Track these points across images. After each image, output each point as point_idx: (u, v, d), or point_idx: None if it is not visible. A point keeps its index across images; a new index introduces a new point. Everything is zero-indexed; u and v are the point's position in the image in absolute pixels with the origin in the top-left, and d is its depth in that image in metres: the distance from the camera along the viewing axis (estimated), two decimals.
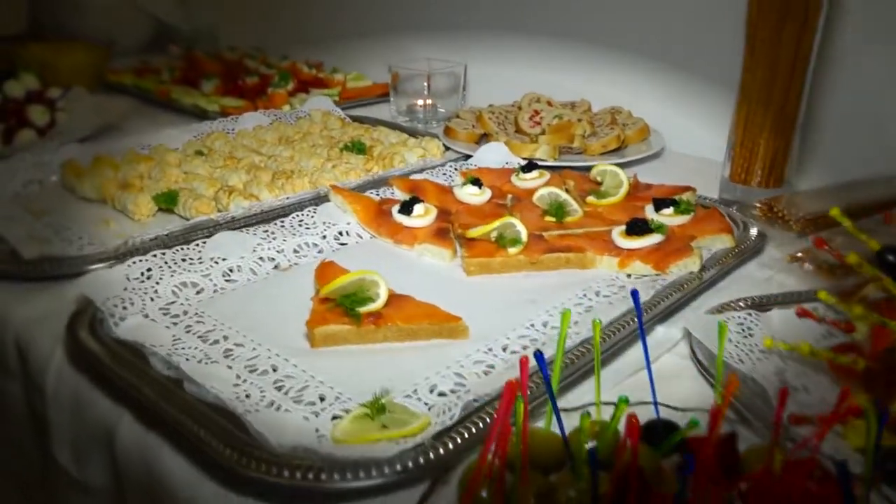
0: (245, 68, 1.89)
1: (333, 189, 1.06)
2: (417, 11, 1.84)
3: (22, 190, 1.19)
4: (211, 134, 1.38)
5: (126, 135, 1.50)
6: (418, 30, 1.82)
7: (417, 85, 1.60)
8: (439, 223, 1.00)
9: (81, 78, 1.77)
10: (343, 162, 1.23)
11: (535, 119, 1.45)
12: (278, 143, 1.38)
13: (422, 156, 1.29)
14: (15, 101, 1.43)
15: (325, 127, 1.47)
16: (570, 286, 0.88)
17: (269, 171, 1.20)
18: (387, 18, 1.95)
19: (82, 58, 1.75)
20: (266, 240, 0.95)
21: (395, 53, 1.87)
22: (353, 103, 1.73)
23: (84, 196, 1.16)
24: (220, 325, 0.79)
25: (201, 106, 1.65)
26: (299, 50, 2.17)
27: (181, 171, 1.21)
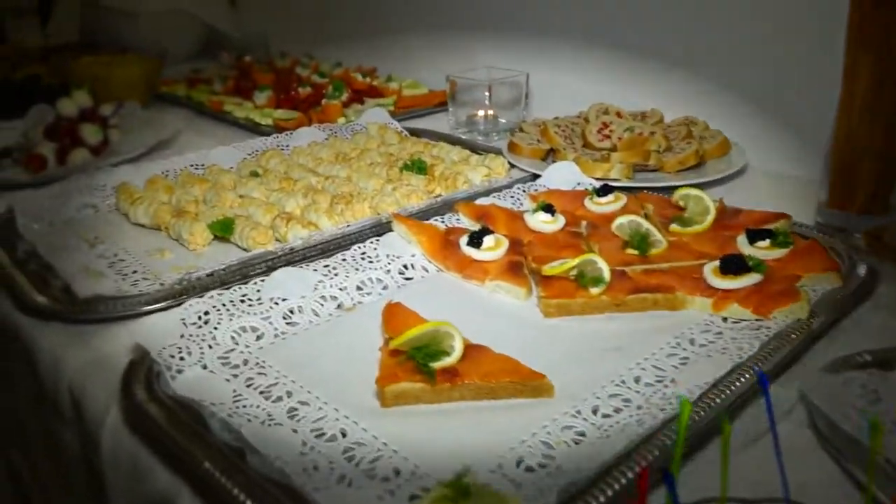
0: (297, 77, 1.84)
1: (396, 218, 1.00)
2: (476, 16, 1.77)
3: (76, 214, 1.16)
4: (265, 152, 1.33)
5: (179, 152, 1.47)
6: (477, 36, 1.75)
7: (477, 95, 1.53)
8: (511, 256, 0.93)
9: (134, 90, 1.74)
10: (404, 183, 1.17)
11: (604, 132, 1.37)
12: (335, 160, 1.32)
13: (486, 175, 1.22)
14: (68, 120, 1.40)
15: (382, 142, 1.41)
16: (660, 331, 0.80)
17: (327, 194, 1.14)
18: (443, 23, 1.88)
19: (135, 70, 1.73)
20: (328, 276, 0.90)
21: (453, 60, 1.81)
22: (410, 114, 1.67)
23: (138, 222, 1.12)
24: (283, 378, 0.73)
25: (254, 120, 1.61)
26: (351, 55, 2.12)
27: (236, 195, 1.16)
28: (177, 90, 1.91)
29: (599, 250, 0.94)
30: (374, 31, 2.12)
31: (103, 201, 1.20)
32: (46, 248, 1.03)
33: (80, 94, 1.41)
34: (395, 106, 1.72)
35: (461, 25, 1.83)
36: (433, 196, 1.18)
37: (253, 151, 1.38)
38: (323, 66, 2.02)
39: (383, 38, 2.08)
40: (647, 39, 1.47)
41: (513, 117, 1.52)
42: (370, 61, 2.04)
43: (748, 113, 1.33)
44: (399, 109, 1.71)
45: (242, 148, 1.38)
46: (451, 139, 1.46)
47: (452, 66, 1.85)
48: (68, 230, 1.11)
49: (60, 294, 0.90)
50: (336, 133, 1.48)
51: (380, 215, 1.09)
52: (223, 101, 1.77)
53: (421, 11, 1.93)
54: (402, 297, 0.87)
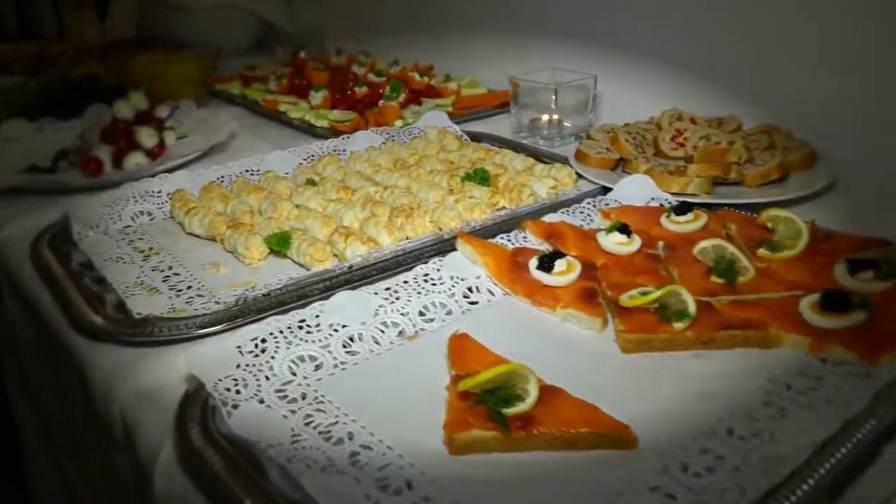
0: (354, 76, 1.79)
1: (461, 237, 0.94)
2: (540, 15, 1.69)
3: (131, 222, 1.14)
4: (322, 158, 1.29)
5: (234, 155, 1.44)
6: (540, 35, 1.68)
7: (541, 98, 1.46)
8: (584, 281, 0.87)
9: (189, 88, 1.72)
10: (466, 195, 1.11)
11: (677, 140, 1.29)
12: (393, 167, 1.27)
13: (553, 188, 1.15)
14: (124, 123, 1.38)
15: (441, 148, 1.36)
16: (752, 373, 0.73)
17: (386, 206, 1.09)
18: (505, 20, 1.81)
19: (191, 68, 1.71)
20: (388, 300, 0.85)
21: (513, 59, 1.74)
22: (469, 116, 1.60)
23: (193, 233, 1.09)
24: (344, 417, 0.68)
25: (310, 121, 1.57)
26: (408, 51, 2.06)
27: (292, 205, 1.12)
28: (231, 88, 1.89)
29: (680, 277, 0.88)
30: (432, 27, 2.06)
31: (158, 208, 1.18)
32: (101, 258, 1.01)
33: (137, 95, 1.39)
34: (453, 107, 1.66)
35: (523, 23, 1.76)
36: (497, 209, 1.12)
37: (309, 156, 1.34)
38: (379, 64, 1.97)
39: (441, 34, 2.02)
40: (723, 38, 1.38)
41: (579, 122, 1.45)
42: (427, 58, 1.98)
43: (837, 121, 1.23)
44: (458, 111, 1.65)
45: (298, 153, 1.34)
46: (513, 145, 1.40)
47: (513, 66, 1.78)
48: (123, 239, 1.08)
49: (114, 312, 0.87)
50: (394, 137, 1.43)
51: (441, 231, 1.03)
52: (278, 100, 1.74)
53: (482, 8, 1.86)
54: (468, 325, 0.82)
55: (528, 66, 1.73)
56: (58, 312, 0.90)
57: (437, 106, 1.64)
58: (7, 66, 2.07)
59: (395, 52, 2.10)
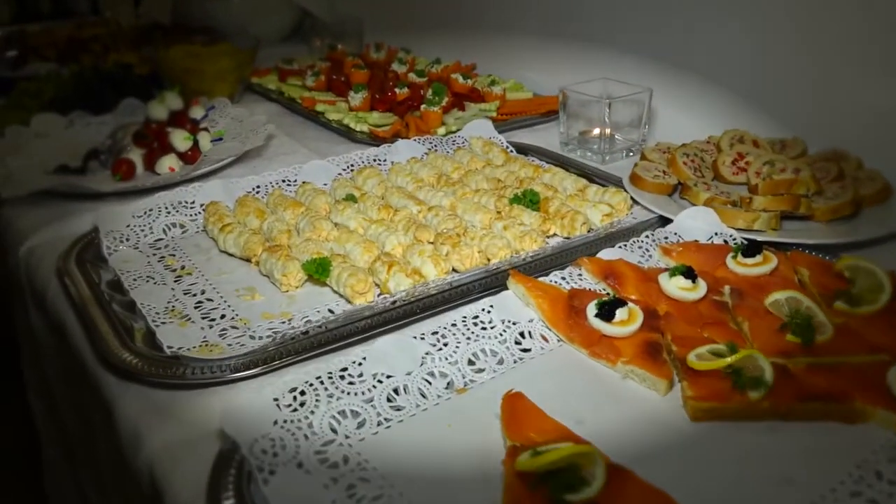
0: (394, 75, 1.72)
1: (514, 277, 0.88)
2: (595, 23, 1.61)
3: (163, 235, 1.09)
4: (363, 171, 1.23)
5: (269, 159, 1.39)
6: (591, 42, 1.59)
7: (592, 111, 1.38)
8: (647, 333, 0.80)
9: (225, 84, 1.67)
10: (515, 221, 1.05)
11: (739, 164, 1.21)
12: (436, 183, 1.21)
13: (608, 215, 1.08)
14: (158, 124, 1.33)
15: (487, 162, 1.29)
16: (837, 455, 0.66)
17: (430, 230, 1.03)
18: (554, 23, 1.73)
19: (227, 63, 1.65)
20: (435, 346, 0.79)
21: (562, 64, 1.67)
22: (513, 124, 1.53)
23: (227, 251, 1.04)
24: (389, 489, 0.63)
25: (349, 125, 1.50)
26: (449, 48, 1.99)
27: (332, 225, 1.06)
28: (267, 82, 1.83)
29: (751, 332, 0.81)
30: (475, 24, 1.98)
31: (191, 220, 1.13)
32: (131, 277, 0.96)
33: (171, 96, 1.34)
34: (497, 112, 1.59)
35: (575, 29, 1.68)
36: (548, 235, 1.05)
37: (348, 166, 1.28)
38: (420, 62, 1.90)
39: (485, 33, 1.94)
40: (786, 54, 1.29)
41: (631, 137, 1.38)
42: (468, 57, 1.91)
43: None
44: (502, 116, 1.58)
45: (337, 162, 1.28)
46: (560, 159, 1.33)
47: (560, 72, 1.71)
48: (154, 255, 1.03)
49: (144, 346, 0.82)
50: (436, 147, 1.36)
51: (490, 263, 0.97)
52: (315, 98, 1.67)
53: (531, 8, 1.78)
54: (521, 377, 0.76)
55: (577, 74, 1.65)
56: (85, 342, 0.85)
57: (481, 111, 1.57)
58: (39, 49, 2.03)
59: (435, 49, 2.03)
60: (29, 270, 1.06)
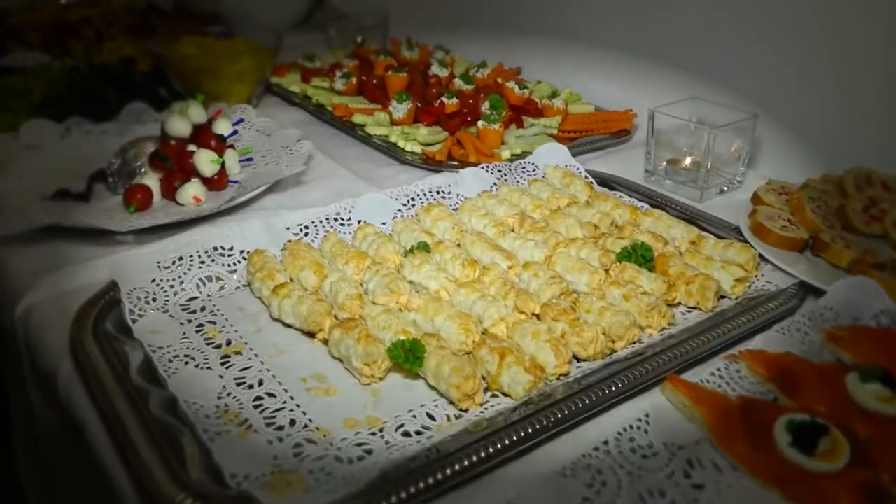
0: (437, 81, 1.51)
1: (673, 384, 0.69)
2: (677, 38, 1.40)
3: (197, 293, 0.88)
4: (430, 209, 1.03)
5: (307, 185, 1.18)
6: (675, 58, 1.39)
7: (682, 137, 1.20)
8: (858, 469, 0.62)
9: (244, 86, 1.45)
10: (633, 287, 0.86)
11: (871, 211, 1.03)
12: (520, 226, 1.02)
13: (741, 281, 0.90)
14: (178, 142, 1.11)
15: (572, 199, 1.10)
16: None
17: (533, 299, 0.84)
18: (611, 23, 1.53)
19: (248, 63, 1.43)
20: (591, 487, 0.60)
21: (638, 78, 1.48)
22: (582, 146, 1.33)
23: (281, 319, 0.83)
24: None
25: (397, 144, 1.30)
26: (484, 45, 1.79)
27: (409, 286, 0.86)
28: (289, 83, 1.60)
29: None
30: (517, 21, 1.77)
31: (229, 270, 0.92)
32: (165, 358, 0.76)
33: (195, 108, 1.11)
34: (558, 129, 1.39)
35: (647, 34, 1.48)
36: (670, 303, 0.87)
37: (408, 199, 1.08)
38: (460, 63, 1.70)
39: (528, 31, 1.74)
40: None
41: (727, 171, 1.19)
42: (503, 56, 1.70)
43: None
44: (564, 134, 1.38)
45: (396, 195, 1.08)
46: (649, 194, 1.14)
47: (617, 79, 1.53)
48: (190, 322, 0.83)
49: (199, 471, 0.62)
50: (506, 177, 1.16)
51: (615, 346, 0.79)
52: (349, 106, 1.46)
53: (591, 9, 1.58)
54: None
55: (645, 85, 1.47)
56: (118, 464, 0.65)
57: (544, 128, 1.37)
58: (20, 34, 1.77)
59: (462, 45, 1.83)
60: (30, 338, 0.85)
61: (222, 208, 1.04)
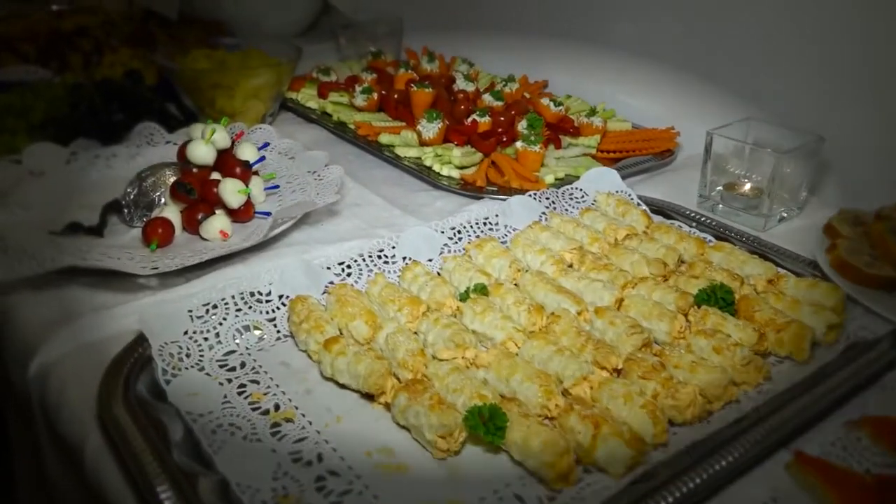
0: (465, 98, 1.43)
1: (800, 461, 0.61)
2: (729, 57, 1.32)
3: (235, 346, 0.79)
4: (481, 245, 0.95)
5: (339, 215, 1.09)
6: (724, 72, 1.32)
7: (739, 160, 1.12)
8: None
9: (260, 103, 1.36)
10: (721, 336, 0.77)
11: None
12: (579, 263, 0.93)
13: (834, 328, 0.82)
14: (200, 170, 1.01)
15: (630, 231, 1.01)
16: None
17: (616, 353, 0.75)
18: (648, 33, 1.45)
19: (266, 77, 1.33)
20: None
21: (678, 94, 1.40)
22: (626, 168, 1.25)
23: (335, 379, 0.74)
24: None
25: (431, 168, 1.21)
26: (506, 59, 1.70)
27: (471, 335, 0.78)
28: (305, 99, 1.51)
29: None
30: (543, 32, 1.69)
31: (268, 317, 0.83)
32: (208, 429, 0.67)
33: (220, 132, 1.02)
34: (596, 149, 1.31)
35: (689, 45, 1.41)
36: (760, 352, 0.78)
37: (455, 233, 0.99)
38: (483, 77, 1.61)
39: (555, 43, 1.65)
40: None
41: (789, 196, 1.11)
42: (536, 71, 1.62)
43: None
44: (603, 155, 1.30)
45: (441, 227, 0.99)
46: (707, 222, 1.06)
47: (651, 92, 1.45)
48: (230, 382, 0.73)
49: None
50: (554, 205, 1.08)
51: (710, 413, 0.70)
52: (370, 121, 1.37)
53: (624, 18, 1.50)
54: None
55: (686, 101, 1.40)
56: None
57: (585, 149, 1.29)
58: (14, 44, 1.66)
59: (487, 56, 1.74)
60: (47, 401, 0.75)
61: (251, 243, 0.94)
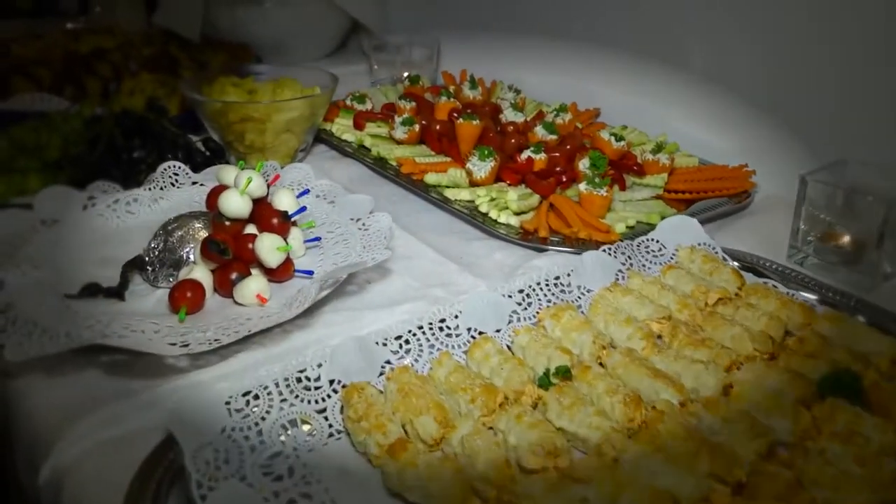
0: (515, 131, 1.31)
1: None
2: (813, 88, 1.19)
3: (281, 446, 0.66)
4: (558, 315, 0.82)
5: (386, 270, 0.97)
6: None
7: (834, 207, 1.00)
8: None
9: (293, 137, 1.24)
10: (863, 443, 0.65)
11: None
12: (672, 336, 0.81)
13: None
14: (233, 224, 0.89)
15: (723, 294, 0.88)
16: None
17: (739, 464, 0.63)
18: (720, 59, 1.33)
19: (301, 111, 1.21)
20: None
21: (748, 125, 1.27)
22: (699, 213, 1.12)
23: (401, 493, 0.62)
24: None
25: (487, 214, 1.09)
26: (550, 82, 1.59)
27: (562, 437, 0.65)
28: (341, 131, 1.39)
29: None
30: (595, 53, 1.57)
31: (318, 408, 0.71)
32: None
33: (256, 180, 0.90)
34: (663, 189, 1.19)
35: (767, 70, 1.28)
36: None
37: (523, 297, 0.87)
38: (529, 103, 1.49)
39: (607, 65, 1.53)
40: None
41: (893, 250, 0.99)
42: (586, 97, 1.50)
43: None
44: (670, 195, 1.18)
45: (508, 290, 0.87)
46: (802, 281, 0.94)
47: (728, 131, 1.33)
48: (278, 498, 0.61)
49: None
50: (630, 260, 0.96)
51: None
52: (413, 157, 1.25)
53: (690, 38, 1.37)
54: None
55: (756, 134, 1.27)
56: None
57: (653, 189, 1.17)
58: (27, 69, 1.55)
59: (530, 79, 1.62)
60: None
61: (293, 313, 0.82)
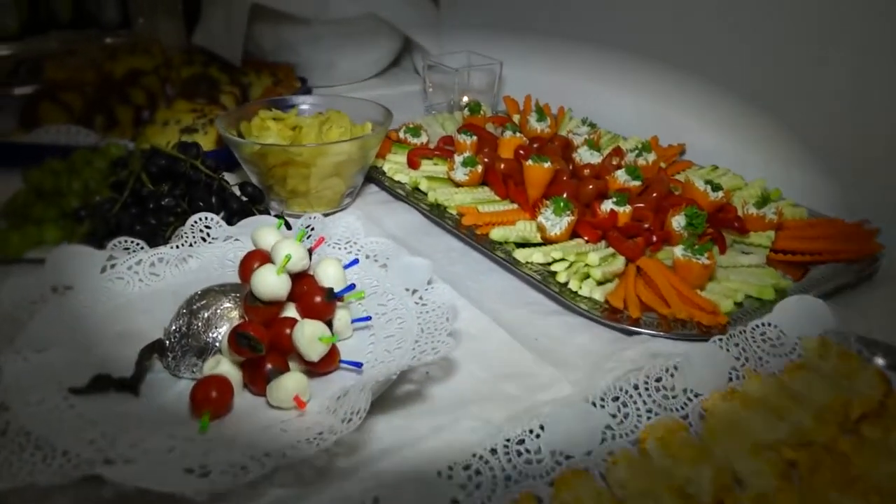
0: (592, 176, 1.14)
1: None
2: None
3: None
4: (666, 438, 0.66)
5: (455, 360, 0.82)
6: None
7: None
8: None
9: (339, 179, 1.10)
10: None
11: None
12: (810, 470, 0.64)
13: None
14: (267, 308, 0.75)
15: (868, 405, 0.71)
16: None
17: None
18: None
19: (349, 153, 1.07)
20: None
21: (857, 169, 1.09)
22: (820, 287, 0.94)
23: None
24: None
25: (566, 286, 0.93)
26: (621, 112, 1.42)
27: None
28: (393, 171, 1.24)
29: None
30: (681, 87, 1.39)
31: None
32: None
33: (295, 253, 0.75)
34: (770, 249, 1.01)
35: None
36: None
37: (618, 407, 0.71)
38: (603, 135, 1.32)
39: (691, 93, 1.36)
40: None
41: None
42: (667, 130, 1.33)
43: None
44: (776, 256, 1.00)
45: (599, 398, 0.71)
46: None
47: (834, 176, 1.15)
48: None
49: None
50: (745, 352, 0.78)
51: None
52: (476, 204, 1.10)
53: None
54: None
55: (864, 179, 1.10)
56: None
57: (761, 251, 1.00)
58: (58, 94, 1.44)
59: (597, 106, 1.46)
60: None
61: (340, 426, 0.67)
